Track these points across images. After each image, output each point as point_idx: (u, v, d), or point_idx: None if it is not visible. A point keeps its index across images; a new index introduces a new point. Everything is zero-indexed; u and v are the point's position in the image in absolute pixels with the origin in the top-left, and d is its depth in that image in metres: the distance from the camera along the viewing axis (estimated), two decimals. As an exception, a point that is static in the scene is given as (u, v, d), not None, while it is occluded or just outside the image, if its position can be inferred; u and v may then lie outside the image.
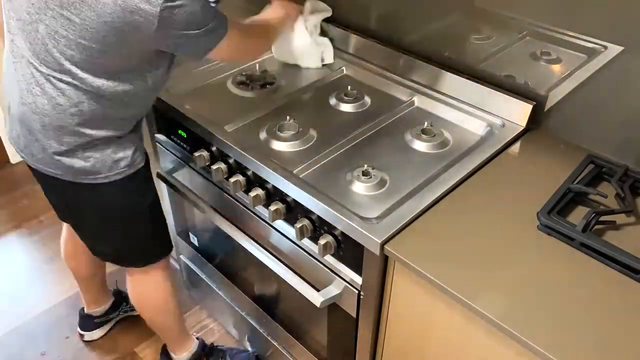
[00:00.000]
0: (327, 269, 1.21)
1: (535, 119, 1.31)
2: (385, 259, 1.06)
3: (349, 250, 1.12)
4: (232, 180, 1.33)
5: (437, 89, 1.44)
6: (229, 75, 1.57)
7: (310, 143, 1.32)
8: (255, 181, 1.28)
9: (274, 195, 1.25)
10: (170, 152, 1.55)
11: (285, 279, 1.28)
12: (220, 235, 1.55)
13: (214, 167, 1.34)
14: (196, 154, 1.39)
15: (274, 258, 1.33)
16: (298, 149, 1.30)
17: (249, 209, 1.35)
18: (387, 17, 1.56)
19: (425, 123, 1.34)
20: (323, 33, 1.66)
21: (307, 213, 1.17)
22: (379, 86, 1.53)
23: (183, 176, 1.55)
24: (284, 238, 1.29)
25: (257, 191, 1.27)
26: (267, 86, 1.52)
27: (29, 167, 1.26)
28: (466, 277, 0.96)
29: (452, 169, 1.19)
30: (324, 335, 1.37)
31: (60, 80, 1.08)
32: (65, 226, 1.65)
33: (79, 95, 1.10)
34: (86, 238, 1.43)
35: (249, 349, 1.81)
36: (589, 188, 1.11)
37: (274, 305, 1.54)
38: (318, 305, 1.18)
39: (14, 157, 2.72)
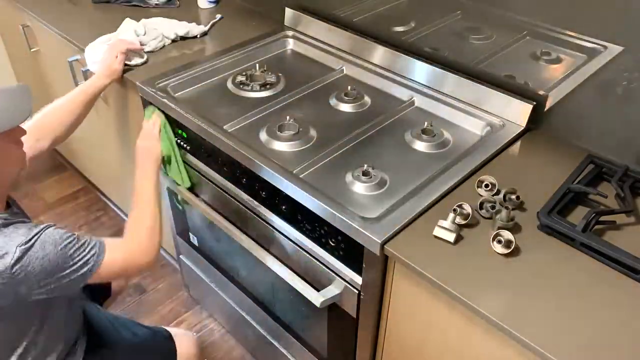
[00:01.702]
0: (327, 269, 1.21)
1: (535, 119, 1.31)
2: (385, 259, 1.06)
3: (349, 250, 1.12)
4: (231, 180, 1.33)
5: (437, 89, 1.44)
6: (229, 75, 1.57)
7: (310, 143, 1.32)
8: (255, 181, 1.28)
9: (274, 195, 1.25)
10: (170, 152, 1.55)
11: (285, 279, 1.28)
12: (220, 235, 1.55)
13: (214, 166, 1.34)
14: (196, 153, 1.39)
15: (274, 258, 1.33)
16: (298, 149, 1.30)
17: (248, 209, 1.35)
18: (387, 17, 1.56)
19: (425, 123, 1.34)
20: (323, 33, 1.67)
21: (307, 213, 1.17)
22: (379, 86, 1.53)
23: (183, 176, 1.55)
24: (284, 238, 1.29)
25: (257, 191, 1.27)
26: (267, 86, 1.52)
27: None
28: (466, 276, 0.96)
29: (452, 169, 1.19)
30: (324, 335, 1.37)
31: None
32: None
33: None
34: None
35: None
36: (589, 188, 1.11)
37: (274, 305, 1.54)
38: (318, 305, 1.18)
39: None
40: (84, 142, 2.28)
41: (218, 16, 1.85)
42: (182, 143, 1.48)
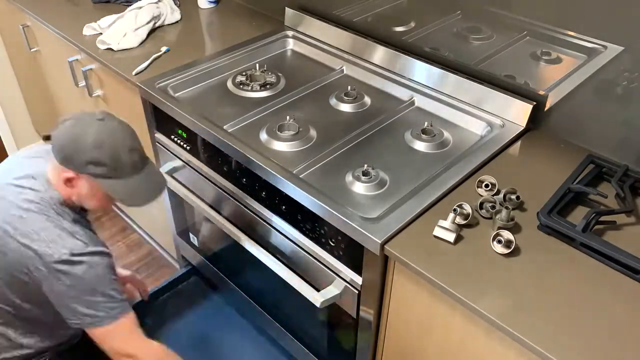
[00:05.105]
0: (327, 269, 1.21)
1: (535, 119, 1.31)
2: (385, 259, 1.06)
3: (349, 250, 1.12)
4: (231, 180, 1.33)
5: (437, 89, 1.44)
6: (229, 75, 1.57)
7: (310, 143, 1.32)
8: (255, 181, 1.28)
9: (274, 195, 1.25)
10: (170, 152, 1.55)
11: (286, 279, 1.28)
12: (220, 235, 1.55)
13: (214, 166, 1.34)
14: (196, 153, 1.39)
15: (274, 258, 1.33)
16: (298, 149, 1.30)
17: (248, 209, 1.35)
18: (387, 17, 1.56)
19: (425, 123, 1.34)
20: (323, 33, 1.67)
21: (307, 213, 1.17)
22: (379, 86, 1.53)
23: (183, 176, 1.55)
24: (284, 238, 1.29)
25: (257, 191, 1.27)
26: (267, 86, 1.52)
27: None
28: (466, 277, 0.96)
29: (452, 169, 1.19)
30: (324, 335, 1.37)
31: None
32: None
33: None
34: None
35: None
36: (589, 188, 1.11)
37: (274, 305, 1.54)
38: (318, 305, 1.18)
39: (14, 157, 2.71)
40: (84, 142, 2.27)
41: (164, 49, 1.67)
42: (182, 143, 1.48)
